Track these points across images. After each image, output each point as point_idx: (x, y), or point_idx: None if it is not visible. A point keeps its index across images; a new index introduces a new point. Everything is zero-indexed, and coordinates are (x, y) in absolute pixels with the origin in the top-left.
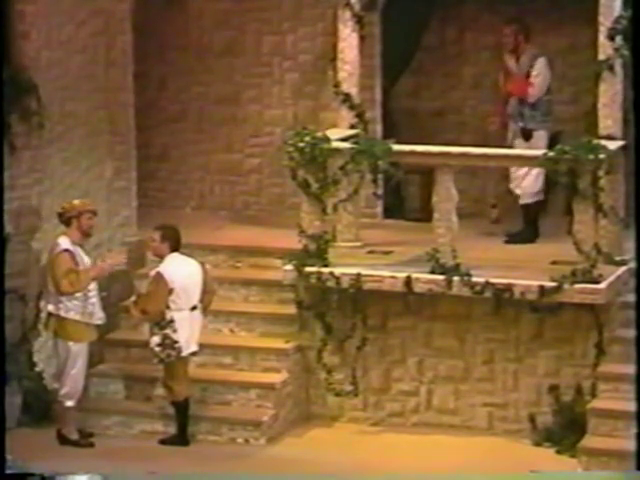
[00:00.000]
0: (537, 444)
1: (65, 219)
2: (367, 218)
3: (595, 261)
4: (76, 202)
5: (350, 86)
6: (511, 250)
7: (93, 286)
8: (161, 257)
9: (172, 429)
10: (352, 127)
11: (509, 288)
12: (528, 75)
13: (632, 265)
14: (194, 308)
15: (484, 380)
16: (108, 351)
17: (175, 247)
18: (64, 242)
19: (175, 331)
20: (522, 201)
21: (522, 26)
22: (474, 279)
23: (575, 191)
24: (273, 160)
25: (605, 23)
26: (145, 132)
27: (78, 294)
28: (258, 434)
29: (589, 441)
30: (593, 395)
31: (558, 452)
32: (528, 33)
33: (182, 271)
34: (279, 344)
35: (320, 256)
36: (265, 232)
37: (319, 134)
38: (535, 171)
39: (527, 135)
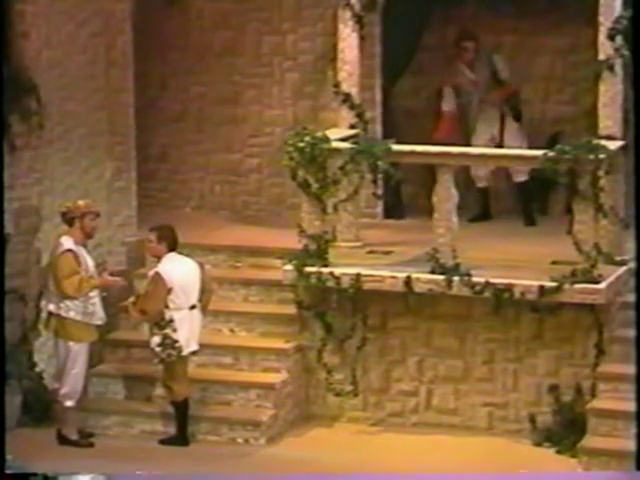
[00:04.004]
0: (537, 444)
1: (68, 219)
2: (367, 218)
3: (595, 261)
4: (80, 203)
5: (350, 86)
6: (511, 250)
7: None
8: (159, 257)
9: (172, 429)
10: (352, 127)
11: (509, 288)
12: (494, 75)
13: (632, 265)
14: (193, 307)
15: (484, 380)
16: (108, 351)
17: (172, 247)
18: (67, 242)
19: (175, 330)
20: (518, 179)
21: (478, 39)
22: (474, 279)
23: (575, 191)
24: (273, 160)
25: (605, 23)
26: (145, 132)
27: None
28: (258, 434)
29: (589, 441)
30: (593, 395)
31: (558, 452)
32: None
33: (180, 271)
34: (279, 344)
35: (320, 256)
36: (265, 232)
37: (319, 134)
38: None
39: (518, 117)
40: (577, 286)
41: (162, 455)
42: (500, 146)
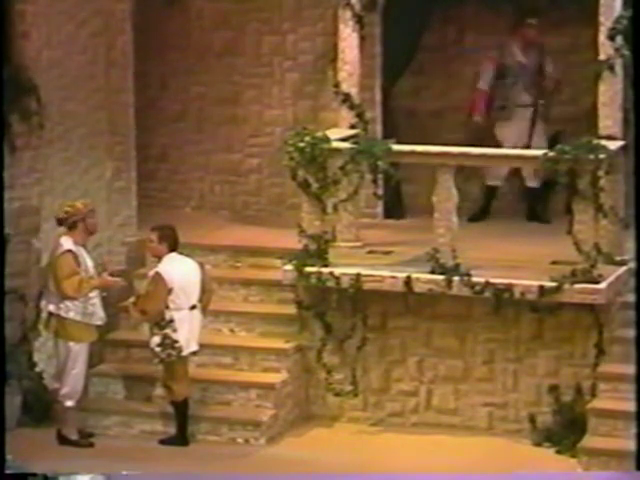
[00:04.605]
0: (537, 444)
1: (71, 223)
2: (367, 218)
3: (595, 261)
4: (79, 205)
5: (350, 86)
6: (511, 250)
7: None
8: (159, 257)
9: (172, 429)
10: (352, 127)
11: (509, 288)
12: (541, 69)
13: (632, 265)
14: (193, 307)
15: (484, 380)
16: (108, 351)
17: (173, 247)
18: (67, 242)
19: (175, 331)
20: (531, 184)
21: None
22: (474, 279)
23: (575, 191)
24: (273, 160)
25: (605, 23)
26: (145, 132)
27: None
28: (258, 434)
29: (589, 441)
30: (593, 395)
31: (558, 452)
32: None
33: (180, 271)
34: (279, 344)
35: (320, 256)
36: (265, 232)
37: (319, 134)
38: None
39: (547, 118)
40: (577, 286)
41: (162, 455)
42: (527, 147)
